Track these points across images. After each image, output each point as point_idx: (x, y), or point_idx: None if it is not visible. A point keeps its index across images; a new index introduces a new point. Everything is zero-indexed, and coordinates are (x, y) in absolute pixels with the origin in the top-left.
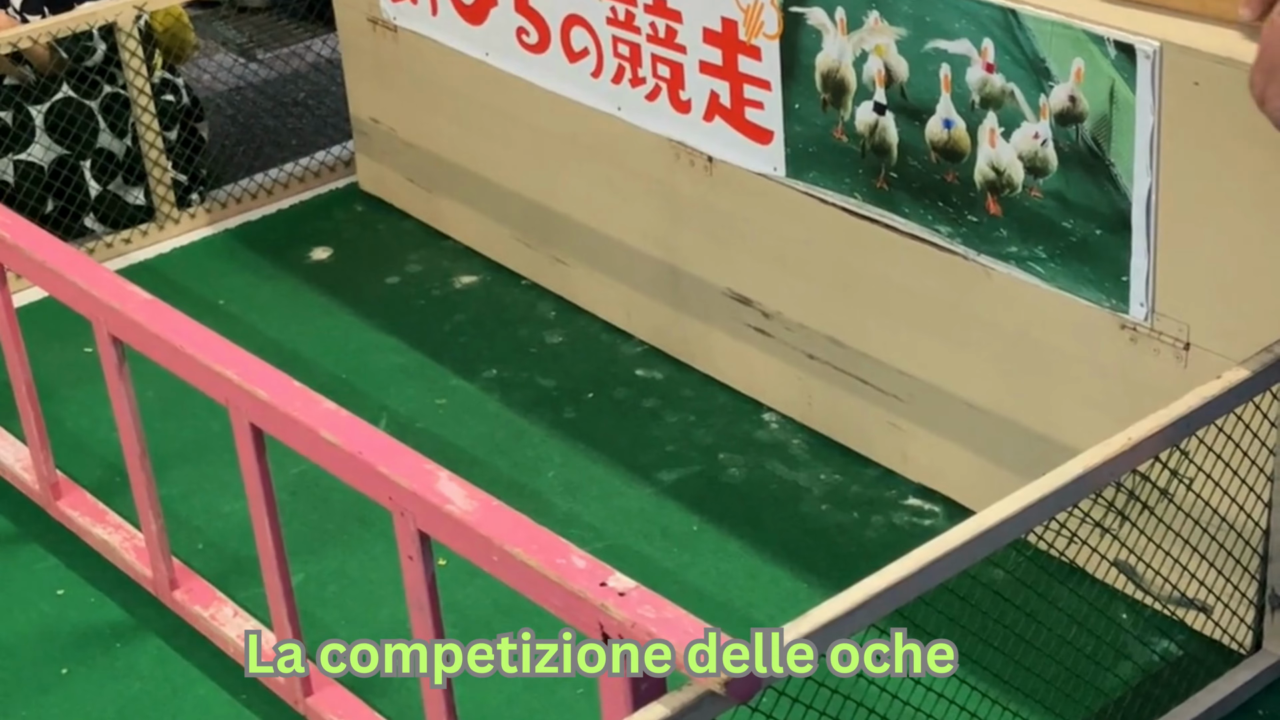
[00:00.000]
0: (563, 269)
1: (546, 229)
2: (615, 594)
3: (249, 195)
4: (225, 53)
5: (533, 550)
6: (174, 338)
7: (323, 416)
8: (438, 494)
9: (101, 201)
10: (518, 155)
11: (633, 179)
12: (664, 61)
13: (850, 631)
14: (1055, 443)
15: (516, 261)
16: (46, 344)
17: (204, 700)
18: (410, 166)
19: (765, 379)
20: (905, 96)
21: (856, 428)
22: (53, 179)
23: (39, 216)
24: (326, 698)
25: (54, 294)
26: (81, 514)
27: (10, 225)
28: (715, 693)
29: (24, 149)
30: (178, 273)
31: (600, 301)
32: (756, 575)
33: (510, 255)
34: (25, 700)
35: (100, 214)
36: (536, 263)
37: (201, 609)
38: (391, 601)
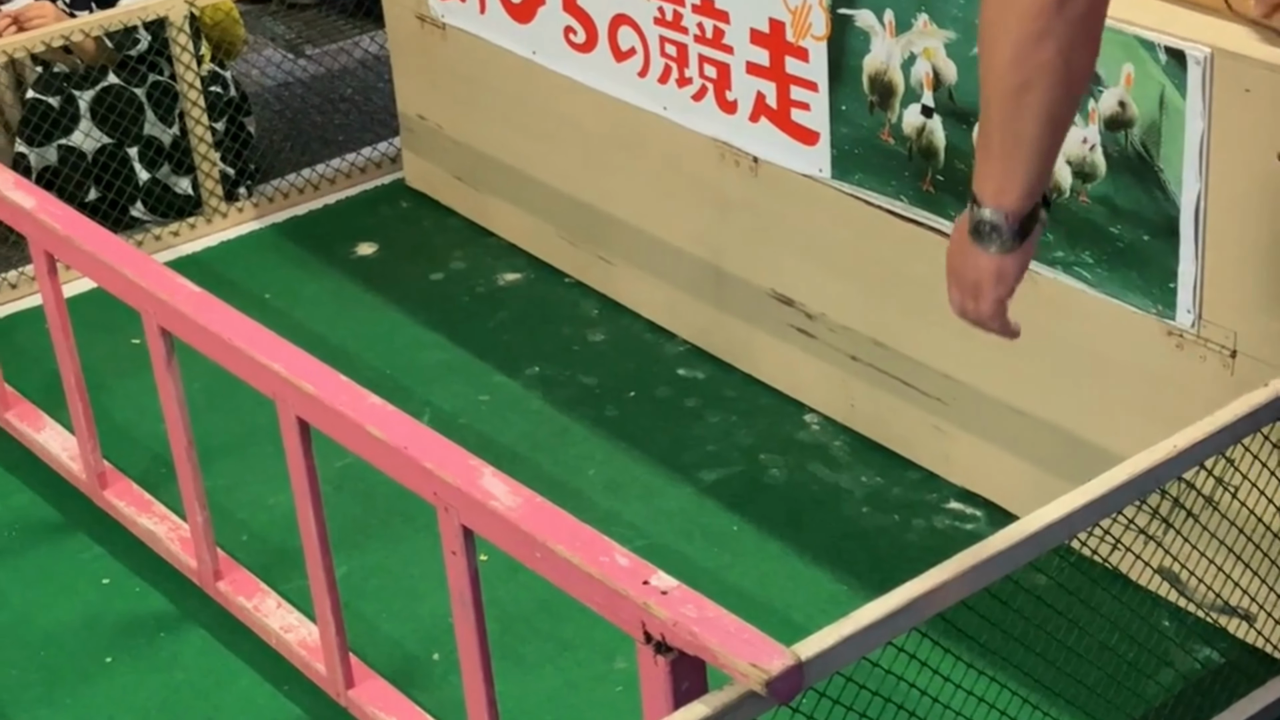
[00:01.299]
0: (606, 267)
1: (591, 227)
2: (657, 593)
3: (296, 190)
4: (274, 48)
5: (575, 547)
6: (223, 330)
7: (369, 411)
8: (482, 490)
9: (150, 191)
10: (563, 154)
11: (678, 179)
12: (711, 62)
13: (893, 634)
14: (1099, 449)
15: (560, 259)
16: (93, 335)
17: (247, 691)
18: (456, 163)
19: (807, 380)
20: (953, 99)
21: (899, 430)
22: (93, 166)
23: (80, 204)
24: (368, 690)
25: (104, 285)
26: (127, 504)
27: (61, 216)
28: (757, 693)
29: (67, 134)
30: (224, 266)
31: (643, 300)
32: (796, 577)
33: (554, 253)
34: (70, 689)
35: (148, 203)
36: (580, 261)
37: (245, 600)
38: (433, 596)
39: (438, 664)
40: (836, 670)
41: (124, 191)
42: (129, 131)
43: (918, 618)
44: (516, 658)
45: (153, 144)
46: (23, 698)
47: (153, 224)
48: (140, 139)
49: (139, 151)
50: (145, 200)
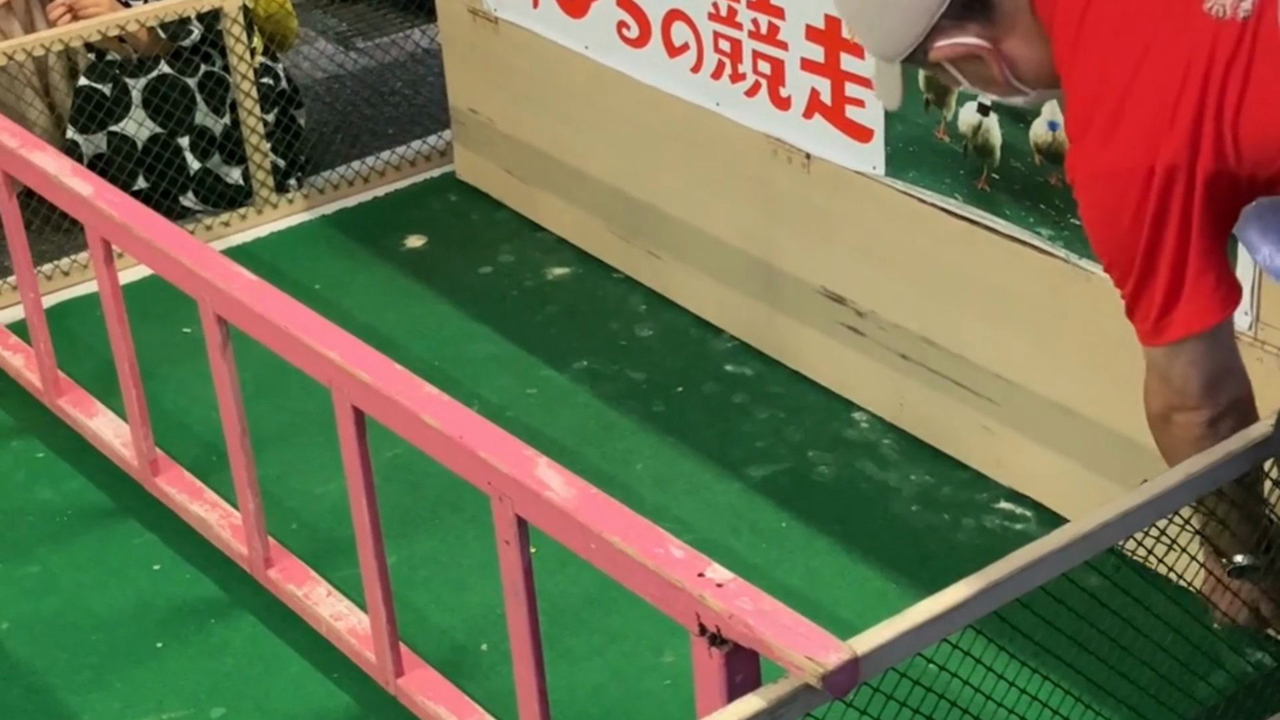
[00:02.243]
0: (655, 262)
1: (640, 222)
2: (713, 585)
3: (346, 182)
4: (325, 41)
5: (631, 539)
6: (279, 319)
7: (425, 400)
8: (537, 480)
9: (201, 181)
10: (614, 148)
11: (728, 175)
12: (765, 58)
13: (947, 632)
14: (1152, 450)
15: (609, 254)
16: (145, 323)
17: (296, 678)
18: (507, 157)
19: (857, 378)
20: None
21: (948, 430)
22: (145, 155)
23: (129, 193)
24: (417, 679)
25: (160, 273)
26: (179, 491)
27: (119, 204)
28: (812, 686)
29: (118, 121)
30: (274, 257)
31: (692, 296)
32: (845, 574)
33: (603, 248)
34: (120, 673)
35: (199, 193)
36: (629, 256)
37: (295, 588)
38: (481, 587)
39: (486, 654)
40: (891, 666)
41: (175, 180)
42: (181, 121)
43: (973, 615)
44: (564, 650)
45: (204, 134)
46: (73, 681)
47: (204, 214)
48: (192, 129)
49: (190, 141)
50: (196, 190)
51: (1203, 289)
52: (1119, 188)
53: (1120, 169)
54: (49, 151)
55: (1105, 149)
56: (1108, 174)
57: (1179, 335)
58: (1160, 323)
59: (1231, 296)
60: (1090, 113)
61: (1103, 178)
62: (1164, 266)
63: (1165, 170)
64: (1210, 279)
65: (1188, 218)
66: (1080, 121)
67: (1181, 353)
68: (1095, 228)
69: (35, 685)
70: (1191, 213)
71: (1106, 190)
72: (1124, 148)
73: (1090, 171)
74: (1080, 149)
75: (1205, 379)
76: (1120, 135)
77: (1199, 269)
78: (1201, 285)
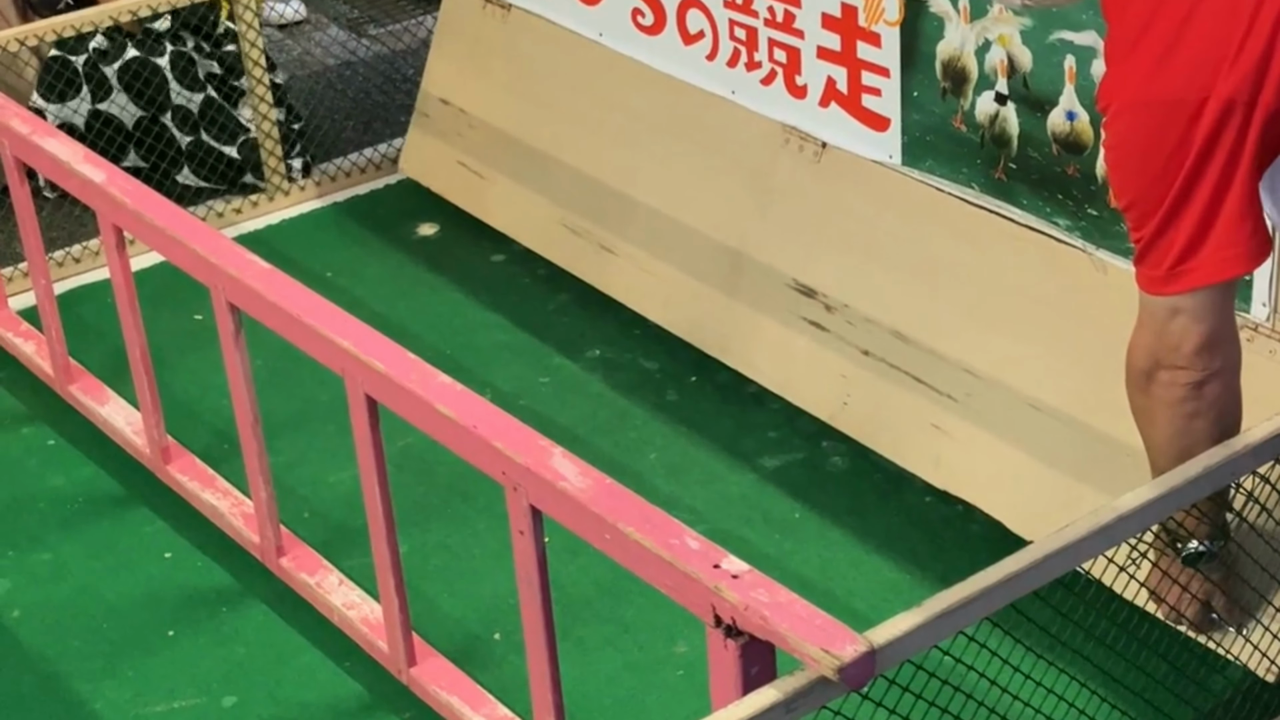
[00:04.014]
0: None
1: (624, 214)
2: (729, 576)
3: (358, 169)
4: (337, 28)
5: (646, 530)
6: (292, 307)
7: (438, 390)
8: (551, 470)
9: (192, 156)
10: (608, 140)
11: (735, 166)
12: (781, 46)
13: (964, 623)
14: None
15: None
16: (157, 310)
17: (308, 667)
18: (474, 150)
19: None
20: (1028, 87)
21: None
22: (134, 131)
23: (122, 168)
24: (429, 669)
25: (173, 260)
26: (190, 479)
27: (131, 191)
28: (828, 679)
29: (99, 101)
30: (286, 244)
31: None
32: (859, 565)
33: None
34: (132, 661)
35: (195, 169)
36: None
37: (308, 576)
38: (494, 576)
39: (499, 644)
40: (907, 658)
41: (165, 155)
42: (153, 100)
43: (990, 608)
44: (576, 640)
45: (179, 112)
46: (85, 669)
47: (215, 200)
48: (174, 109)
49: (171, 116)
50: (191, 165)
51: (1236, 234)
52: (1163, 118)
53: (1169, 99)
54: (61, 138)
55: (1155, 77)
56: (1154, 103)
57: (1195, 284)
58: (1177, 269)
59: (1264, 248)
60: (1139, 37)
61: (1147, 106)
62: (1197, 206)
63: (1222, 104)
64: (1247, 225)
65: (1236, 156)
66: (1125, 44)
67: (1186, 306)
68: (1125, 161)
69: (47, 672)
70: (1241, 152)
71: (1149, 119)
72: (1177, 77)
73: (1132, 99)
74: (1122, 74)
75: (1203, 338)
76: (1174, 64)
77: (1237, 213)
78: (1235, 231)
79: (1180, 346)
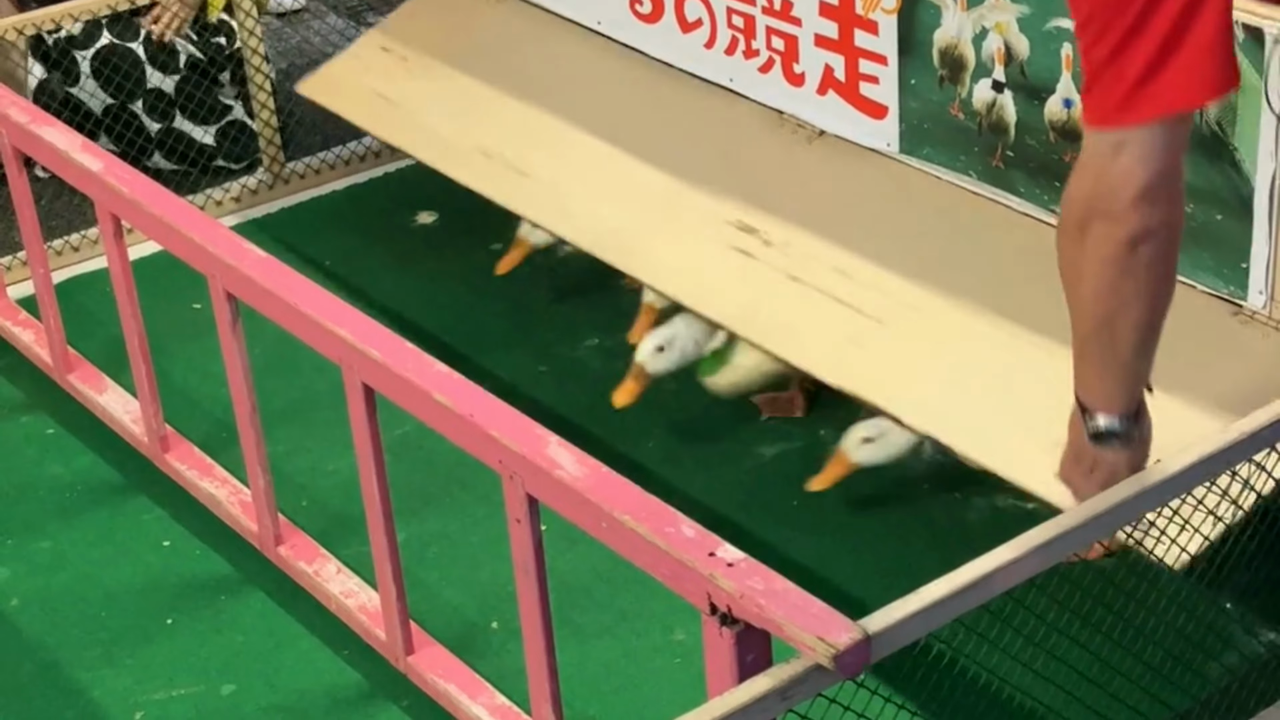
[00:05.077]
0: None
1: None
2: (724, 564)
3: (357, 158)
4: (336, 15)
5: (642, 518)
6: (289, 296)
7: (435, 378)
8: (548, 459)
9: (162, 143)
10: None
11: (730, 152)
12: (778, 34)
13: (959, 612)
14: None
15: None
16: (156, 299)
17: (306, 655)
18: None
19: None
20: (1025, 75)
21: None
22: (103, 118)
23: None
24: (427, 657)
25: (170, 249)
26: (189, 467)
27: (129, 180)
28: (823, 666)
29: (70, 85)
30: (285, 232)
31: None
32: (855, 553)
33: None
34: (130, 649)
35: (166, 154)
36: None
37: (305, 565)
38: (492, 564)
39: (496, 632)
40: (903, 646)
41: (134, 143)
42: (123, 88)
43: (985, 595)
44: (574, 628)
45: (159, 95)
46: (84, 657)
47: (214, 189)
48: (147, 93)
49: (147, 104)
50: (162, 151)
51: (1205, 60)
52: None
53: None
54: (59, 127)
55: None
56: None
57: (1153, 113)
58: (1135, 94)
59: (1234, 75)
60: None
61: None
62: (1164, 20)
63: None
64: (1219, 52)
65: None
66: None
67: (1133, 141)
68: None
69: (45, 661)
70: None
71: None
72: None
73: None
74: None
75: (1145, 183)
76: None
77: (1209, 35)
78: (1204, 55)
79: (1120, 191)
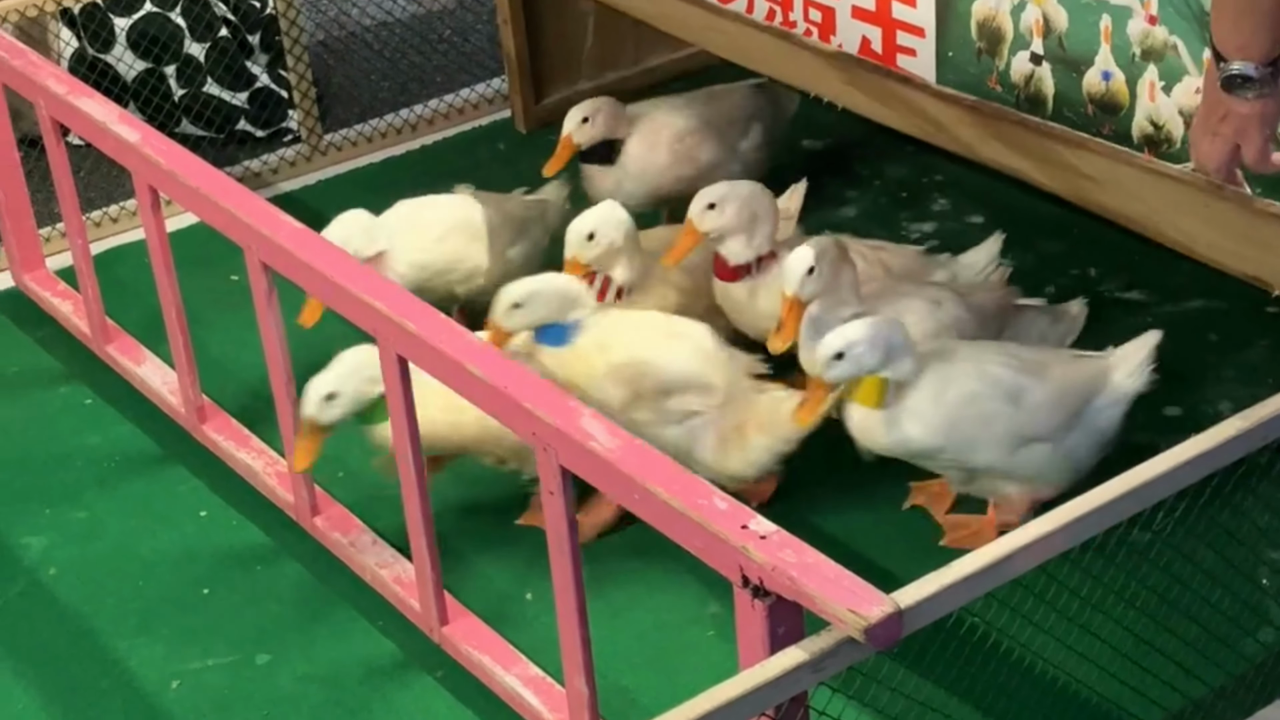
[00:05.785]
0: None
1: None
2: (756, 537)
3: (394, 130)
4: None
5: (675, 490)
6: (325, 267)
7: (470, 350)
8: (581, 431)
9: (188, 109)
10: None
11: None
12: (816, 5)
13: (992, 586)
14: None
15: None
16: (193, 270)
17: (341, 625)
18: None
19: None
20: (1063, 47)
21: None
22: (130, 84)
23: None
24: (461, 627)
25: (207, 220)
26: (225, 438)
27: (166, 151)
28: (855, 639)
29: (102, 50)
30: (320, 205)
31: None
32: (886, 526)
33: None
34: (167, 619)
35: (194, 120)
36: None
37: (341, 536)
38: (526, 537)
39: (530, 603)
40: (935, 619)
41: (161, 108)
42: (160, 57)
43: (1018, 569)
44: (607, 600)
45: (190, 62)
46: (121, 627)
47: (252, 160)
48: (179, 58)
49: (177, 69)
50: (186, 115)
51: None
52: None
53: None
54: (96, 98)
55: None
56: None
57: None
58: None
59: None
60: None
61: None
62: None
63: None
64: None
65: None
66: None
67: None
68: None
69: (82, 630)
70: None
71: None
72: None
73: None
74: None
75: None
76: None
77: None
78: None
79: None
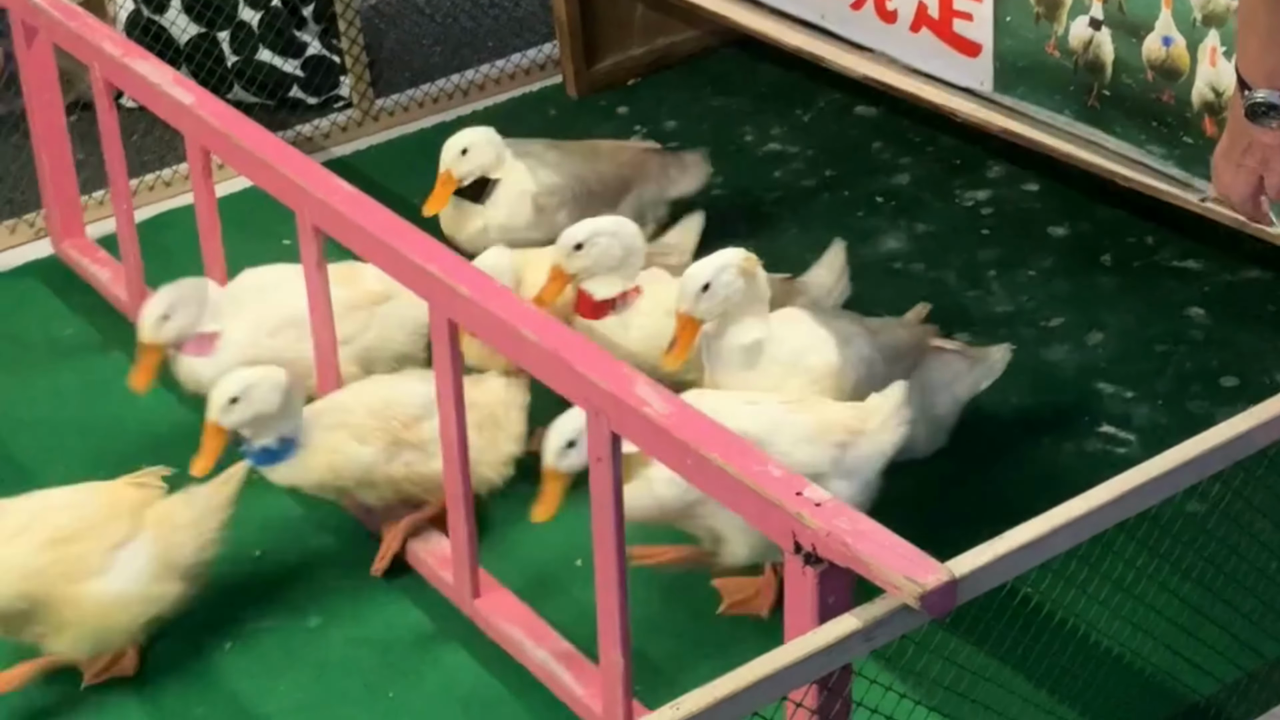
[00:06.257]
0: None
1: None
2: (811, 504)
3: (445, 95)
4: None
5: (729, 456)
6: (378, 231)
7: (523, 315)
8: (635, 396)
9: (241, 73)
10: None
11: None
12: None
13: (1047, 556)
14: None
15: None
16: (242, 235)
17: (374, 597)
18: None
19: None
20: (1123, 12)
21: None
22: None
23: None
24: (494, 601)
25: (259, 183)
26: None
27: (220, 113)
28: (910, 607)
29: (157, 11)
30: (372, 170)
31: None
32: (942, 497)
33: None
34: (220, 581)
35: (246, 86)
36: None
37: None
38: (562, 511)
39: (564, 579)
40: (990, 588)
41: (214, 72)
42: (213, 22)
43: (1074, 539)
44: (643, 570)
45: (243, 27)
46: None
47: (304, 125)
48: (232, 22)
49: (230, 34)
50: (239, 80)
51: None
52: None
53: None
54: (152, 60)
55: None
56: None
57: None
58: None
59: None
60: None
61: None
62: None
63: None
64: None
65: None
66: None
67: None
68: None
69: None
70: None
71: None
72: None
73: None
74: None
75: None
76: None
77: None
78: None
79: None
